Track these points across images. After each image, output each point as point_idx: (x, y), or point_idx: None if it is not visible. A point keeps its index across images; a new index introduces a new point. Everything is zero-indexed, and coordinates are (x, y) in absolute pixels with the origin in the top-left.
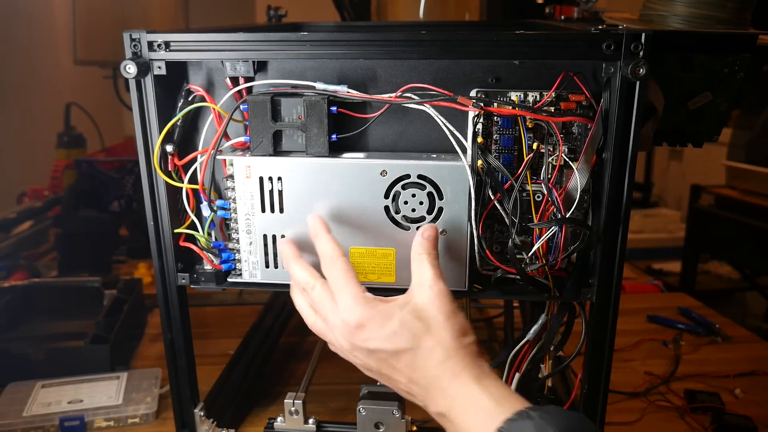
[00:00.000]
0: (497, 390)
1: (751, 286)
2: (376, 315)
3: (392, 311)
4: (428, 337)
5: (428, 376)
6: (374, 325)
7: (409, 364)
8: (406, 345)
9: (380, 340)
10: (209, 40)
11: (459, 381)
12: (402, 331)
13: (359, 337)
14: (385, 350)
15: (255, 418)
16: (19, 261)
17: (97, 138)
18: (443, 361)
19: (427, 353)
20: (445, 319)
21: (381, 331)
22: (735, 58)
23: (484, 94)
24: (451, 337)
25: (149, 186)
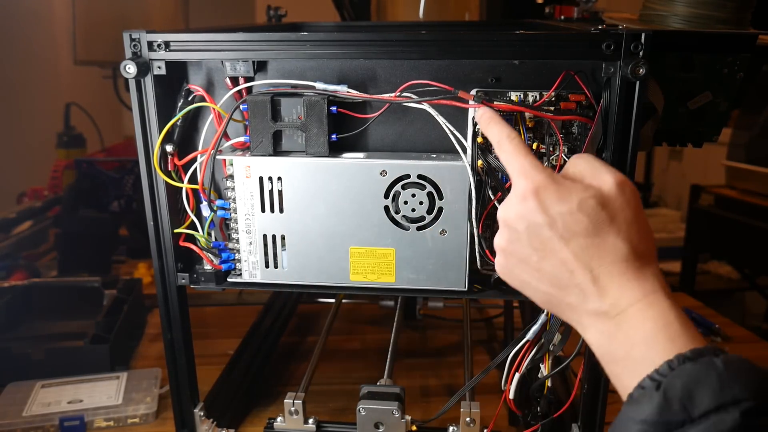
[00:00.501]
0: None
1: (751, 286)
2: (553, 188)
3: (573, 189)
4: (611, 230)
5: (604, 268)
6: (550, 196)
7: (580, 250)
8: (583, 230)
9: (552, 215)
10: (209, 40)
11: (643, 286)
12: (580, 214)
13: (531, 205)
14: (555, 227)
15: (255, 418)
16: (19, 261)
17: (97, 138)
18: (627, 257)
19: (608, 246)
20: (633, 215)
21: (557, 206)
22: (735, 58)
23: (484, 94)
24: (638, 238)
25: (149, 186)
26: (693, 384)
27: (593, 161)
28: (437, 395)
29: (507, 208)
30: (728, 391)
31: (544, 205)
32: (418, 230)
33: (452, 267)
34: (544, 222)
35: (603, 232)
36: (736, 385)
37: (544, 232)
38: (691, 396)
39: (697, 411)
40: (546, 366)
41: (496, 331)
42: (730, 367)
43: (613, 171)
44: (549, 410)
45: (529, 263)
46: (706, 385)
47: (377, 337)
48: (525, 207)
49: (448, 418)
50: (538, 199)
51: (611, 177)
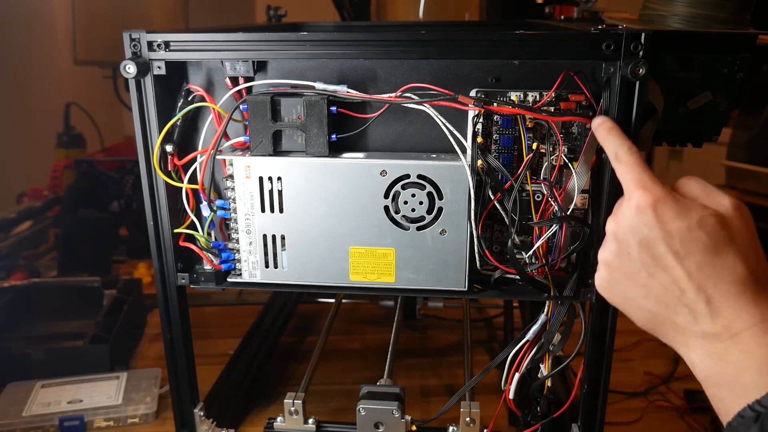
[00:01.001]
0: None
1: None
2: (673, 203)
3: (693, 206)
4: (731, 250)
5: (719, 289)
6: (668, 211)
7: (695, 269)
8: (701, 248)
9: (669, 231)
10: (209, 40)
11: (760, 310)
12: (700, 231)
13: (647, 218)
14: (671, 243)
15: (255, 418)
16: (19, 261)
17: (97, 138)
18: (745, 279)
19: (727, 266)
20: (751, 238)
21: (675, 222)
22: (735, 58)
23: (484, 94)
24: (756, 260)
25: (149, 186)
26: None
27: (705, 184)
28: (437, 395)
29: (619, 220)
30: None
31: (662, 220)
32: (418, 230)
33: (452, 267)
34: (659, 237)
35: (722, 251)
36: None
37: (659, 247)
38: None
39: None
40: (546, 366)
41: (495, 331)
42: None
43: (728, 194)
44: (549, 410)
45: (637, 279)
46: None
47: (377, 337)
48: (641, 220)
49: (448, 418)
50: (657, 212)
51: (728, 199)
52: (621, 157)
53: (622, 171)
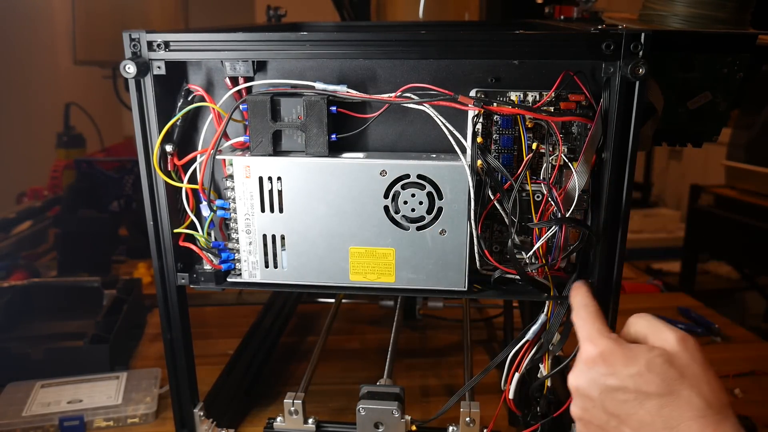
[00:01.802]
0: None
1: (751, 286)
2: (620, 351)
3: (638, 351)
4: (683, 386)
5: (683, 425)
6: (618, 360)
7: (656, 411)
8: (655, 389)
9: (623, 378)
10: (209, 40)
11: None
12: (650, 375)
13: (600, 371)
14: (628, 390)
15: (254, 418)
16: (19, 261)
17: (97, 138)
18: (704, 413)
19: (683, 402)
20: (701, 369)
21: (626, 369)
22: (734, 58)
23: (484, 94)
24: (710, 390)
25: (149, 186)
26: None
27: (651, 320)
28: (437, 395)
29: (577, 375)
30: None
31: (613, 369)
32: (418, 230)
33: (452, 267)
34: (616, 385)
35: (675, 389)
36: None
37: (619, 395)
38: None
39: None
40: (546, 366)
41: (495, 331)
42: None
43: (673, 328)
44: (549, 410)
45: (609, 429)
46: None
47: (377, 337)
48: (595, 372)
49: (447, 418)
50: (606, 363)
51: (672, 334)
52: (579, 312)
53: (577, 325)
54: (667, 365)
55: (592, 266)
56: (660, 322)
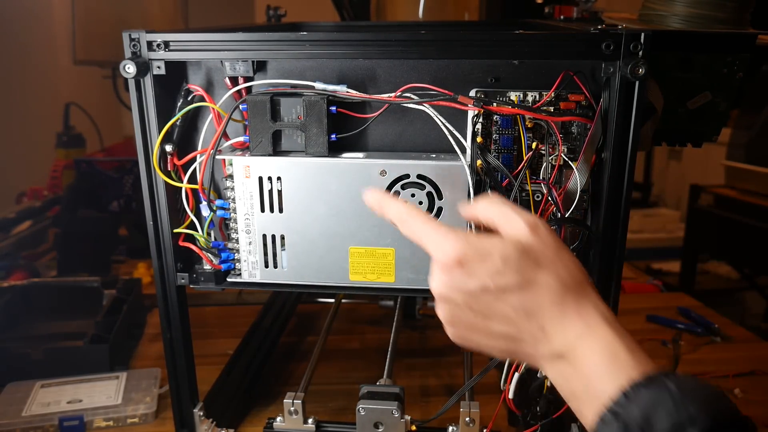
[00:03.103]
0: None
1: (751, 286)
2: (473, 251)
3: (491, 247)
4: (540, 273)
5: (543, 315)
6: (474, 261)
7: (519, 304)
8: (514, 281)
9: (482, 279)
10: (208, 40)
11: (584, 320)
12: (506, 267)
13: (458, 276)
14: (488, 290)
15: (254, 417)
16: (19, 261)
17: (97, 138)
18: (562, 296)
19: (542, 289)
20: (555, 252)
21: (482, 269)
22: (734, 58)
23: (484, 94)
24: (567, 272)
25: (148, 186)
26: (650, 409)
27: (502, 207)
28: (437, 395)
29: (437, 283)
30: (684, 412)
31: (470, 271)
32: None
33: None
34: (476, 286)
35: (532, 278)
36: (691, 405)
37: (480, 295)
38: (649, 421)
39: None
40: None
41: None
42: (683, 389)
43: (522, 214)
44: (548, 410)
45: (478, 328)
46: (662, 409)
47: (377, 336)
48: (453, 278)
49: (447, 417)
50: (462, 266)
51: (522, 222)
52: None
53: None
54: (522, 256)
55: (592, 266)
56: (509, 209)
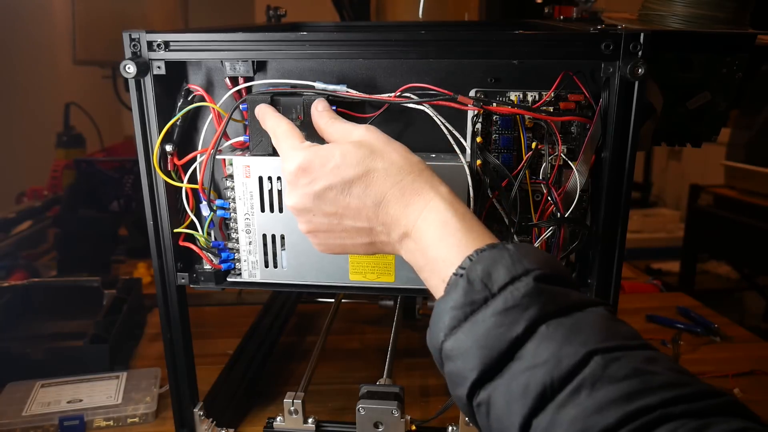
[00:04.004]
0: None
1: (750, 286)
2: (315, 156)
3: (330, 149)
4: (376, 160)
5: (386, 199)
6: (316, 164)
7: (363, 192)
8: (354, 172)
9: (326, 177)
10: (208, 40)
11: (421, 196)
12: (345, 162)
13: (304, 181)
14: (333, 185)
15: (254, 417)
16: (19, 261)
17: (97, 138)
18: (400, 178)
19: (380, 174)
20: (386, 142)
21: (324, 169)
22: (734, 58)
23: (483, 94)
24: (399, 156)
25: (149, 186)
26: (490, 265)
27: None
28: (436, 395)
29: (288, 195)
30: (519, 265)
31: (314, 174)
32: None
33: None
34: (322, 186)
35: (371, 166)
36: (526, 259)
37: (328, 194)
38: (489, 275)
39: (496, 285)
40: None
41: None
42: (519, 249)
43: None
44: None
45: (335, 229)
46: (501, 264)
47: (376, 336)
48: (301, 184)
49: (447, 417)
50: (306, 172)
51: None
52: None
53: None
54: (358, 148)
55: (591, 266)
56: (348, 124)
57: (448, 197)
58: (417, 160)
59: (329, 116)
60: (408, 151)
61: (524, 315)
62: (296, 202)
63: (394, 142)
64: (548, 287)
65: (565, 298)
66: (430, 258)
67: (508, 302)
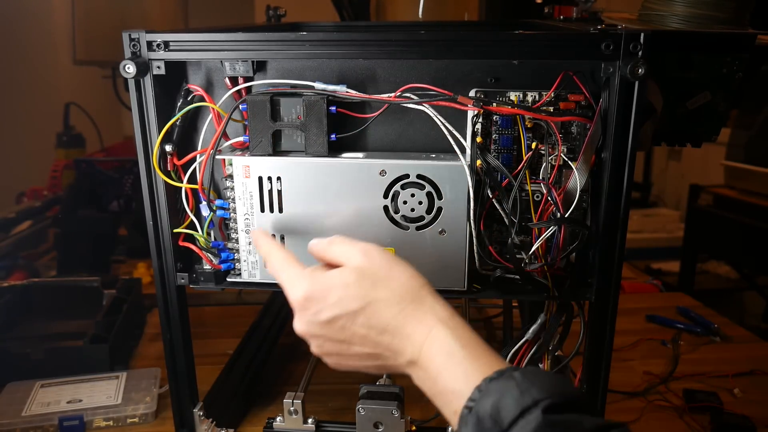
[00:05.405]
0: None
1: (750, 286)
2: (318, 287)
3: (332, 279)
4: (378, 290)
5: (390, 328)
6: (320, 295)
7: (367, 323)
8: (358, 304)
9: (331, 309)
10: (208, 40)
11: (425, 325)
12: (348, 293)
13: (310, 312)
14: (339, 316)
15: (254, 417)
16: (18, 261)
17: (97, 138)
18: (402, 307)
19: (382, 305)
20: (388, 270)
21: (328, 301)
22: (734, 58)
23: (483, 94)
24: (401, 284)
25: (148, 186)
26: (498, 398)
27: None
28: None
29: (298, 324)
30: (528, 396)
31: (319, 305)
32: (418, 230)
33: (451, 267)
34: (329, 317)
35: (373, 297)
36: (534, 388)
37: (335, 324)
38: (498, 409)
39: (506, 420)
40: (545, 365)
41: (495, 331)
42: (526, 376)
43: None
44: None
45: (345, 353)
46: (508, 396)
47: None
48: (308, 314)
49: None
50: (312, 302)
51: (355, 249)
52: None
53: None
54: (359, 280)
55: (591, 266)
56: (347, 244)
57: (450, 323)
58: (419, 285)
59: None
60: (410, 274)
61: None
62: (306, 330)
63: (396, 266)
64: (559, 418)
65: (577, 429)
66: (439, 389)
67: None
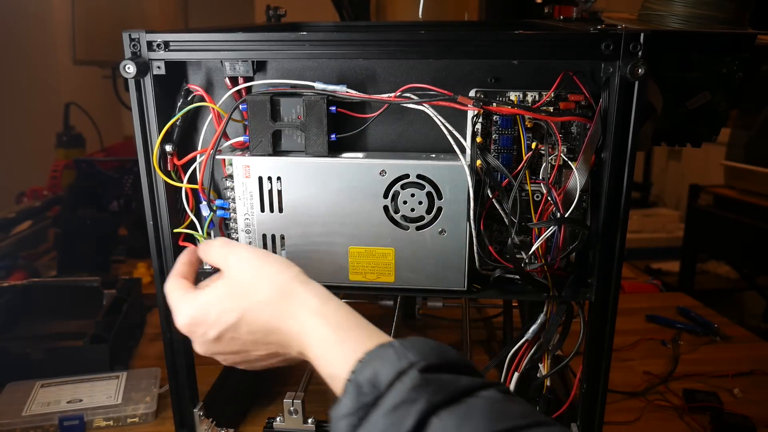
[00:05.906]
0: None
1: (750, 286)
2: (197, 310)
3: (207, 297)
4: (250, 296)
5: (272, 328)
6: (201, 318)
7: (250, 330)
8: (234, 316)
9: (213, 327)
10: (208, 40)
11: (296, 319)
12: (223, 308)
13: (199, 334)
14: (223, 332)
15: (254, 417)
16: (18, 261)
17: (97, 138)
18: (275, 307)
19: (257, 310)
20: (257, 272)
21: (209, 320)
22: (734, 58)
23: (483, 94)
24: (270, 284)
25: (148, 186)
26: (377, 365)
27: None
28: None
29: (195, 345)
30: (404, 359)
31: (203, 327)
32: (418, 230)
33: (451, 267)
34: (215, 335)
35: (245, 306)
36: (410, 353)
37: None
38: (376, 374)
39: (384, 384)
40: (545, 365)
41: (495, 331)
42: (404, 343)
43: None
44: (548, 410)
45: (249, 359)
46: (386, 362)
47: None
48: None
49: None
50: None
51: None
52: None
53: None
54: (231, 291)
55: (591, 266)
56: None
57: (322, 310)
58: (290, 278)
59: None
60: (278, 269)
61: (413, 409)
62: (204, 351)
63: (264, 266)
64: (435, 376)
65: (453, 386)
66: (325, 375)
67: (396, 399)
